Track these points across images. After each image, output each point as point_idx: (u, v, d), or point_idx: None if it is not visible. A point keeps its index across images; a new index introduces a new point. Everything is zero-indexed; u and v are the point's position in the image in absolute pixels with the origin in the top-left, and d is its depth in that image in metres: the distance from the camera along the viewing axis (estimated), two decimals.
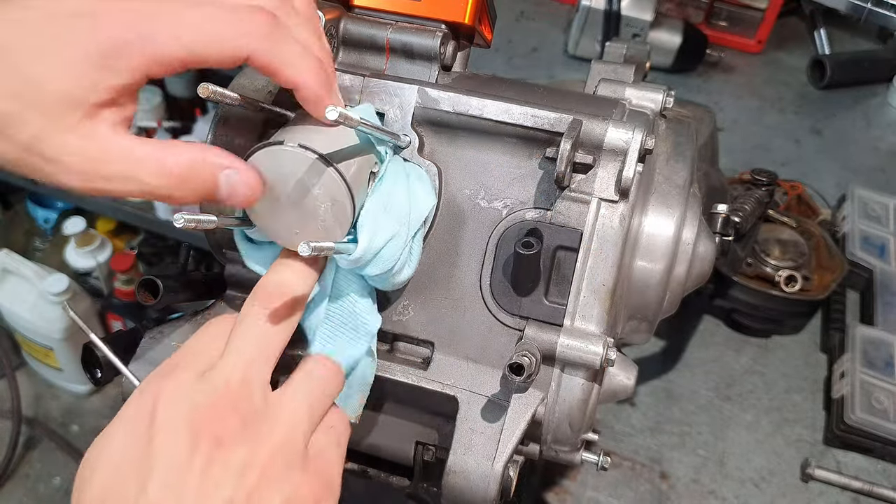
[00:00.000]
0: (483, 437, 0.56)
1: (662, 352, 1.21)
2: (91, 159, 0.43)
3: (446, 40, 0.59)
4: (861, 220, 1.32)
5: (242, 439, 0.44)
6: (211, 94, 0.48)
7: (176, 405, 0.44)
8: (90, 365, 0.60)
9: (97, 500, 0.42)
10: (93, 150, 0.43)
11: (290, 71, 0.46)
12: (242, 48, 0.45)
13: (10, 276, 1.97)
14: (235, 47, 0.44)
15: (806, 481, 1.06)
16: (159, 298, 0.58)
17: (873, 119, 1.67)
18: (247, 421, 0.45)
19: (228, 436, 0.43)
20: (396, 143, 0.55)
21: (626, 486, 1.05)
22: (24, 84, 0.41)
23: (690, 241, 0.64)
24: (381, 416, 0.63)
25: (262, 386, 0.47)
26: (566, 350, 0.55)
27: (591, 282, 0.56)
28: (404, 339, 0.60)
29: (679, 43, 1.64)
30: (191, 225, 0.46)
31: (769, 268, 1.15)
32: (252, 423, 0.45)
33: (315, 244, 0.45)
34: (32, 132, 0.42)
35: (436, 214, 0.58)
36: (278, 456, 0.45)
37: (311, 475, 0.46)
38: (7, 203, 2.42)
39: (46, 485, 1.91)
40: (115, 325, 2.16)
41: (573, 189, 0.56)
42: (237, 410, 0.45)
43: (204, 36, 0.44)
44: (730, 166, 1.35)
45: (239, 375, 0.46)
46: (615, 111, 0.58)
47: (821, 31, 1.78)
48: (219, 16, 0.44)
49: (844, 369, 1.12)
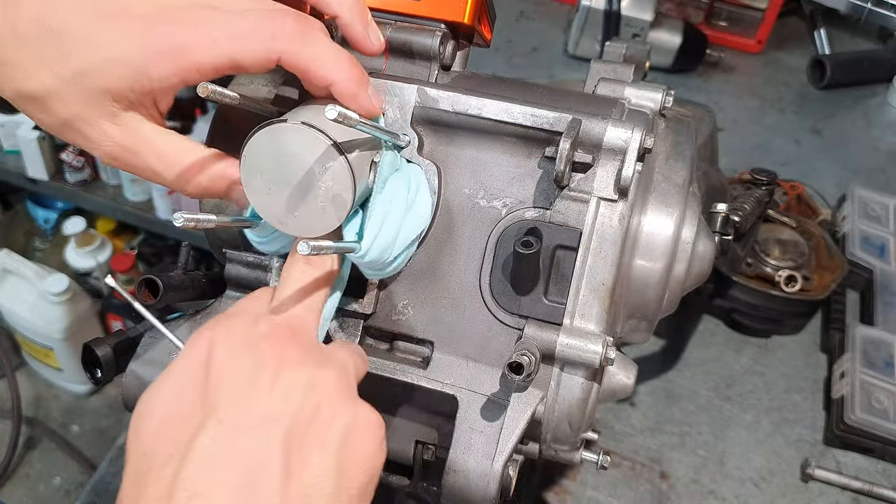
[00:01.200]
0: (483, 436, 0.56)
1: (662, 351, 1.21)
2: (122, 147, 0.49)
3: (446, 40, 0.59)
4: (861, 220, 1.32)
5: (305, 363, 0.45)
6: (211, 94, 0.48)
7: (236, 339, 0.45)
8: (90, 365, 0.60)
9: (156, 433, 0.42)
10: (126, 139, 0.48)
11: (324, 69, 0.48)
12: (275, 51, 0.47)
13: (10, 276, 1.98)
14: (269, 50, 0.47)
15: (806, 481, 1.06)
16: (159, 298, 0.58)
17: (873, 119, 1.67)
18: (306, 352, 0.46)
19: (292, 359, 0.45)
20: (396, 143, 0.55)
21: (625, 486, 1.05)
22: (73, 72, 0.46)
23: (690, 241, 0.64)
24: (381, 415, 0.63)
25: (314, 331, 0.49)
26: (566, 349, 0.55)
27: (590, 281, 0.56)
28: (404, 338, 0.60)
29: (679, 43, 1.64)
30: (190, 224, 0.46)
31: (769, 268, 1.15)
32: (311, 355, 0.46)
33: (314, 243, 0.45)
34: (74, 113, 0.47)
35: (435, 213, 0.58)
36: (338, 385, 0.46)
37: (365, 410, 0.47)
38: (7, 203, 2.43)
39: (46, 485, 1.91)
40: (115, 324, 2.16)
41: (572, 188, 0.56)
42: (297, 340, 0.46)
43: (239, 43, 0.47)
44: (730, 166, 1.35)
45: (294, 318, 0.48)
46: (614, 110, 0.58)
47: (821, 31, 1.78)
48: (251, 22, 0.47)
49: (844, 369, 1.12)
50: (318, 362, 0.46)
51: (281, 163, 0.47)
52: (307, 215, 0.48)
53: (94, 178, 2.06)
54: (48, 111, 0.48)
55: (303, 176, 0.47)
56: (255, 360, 0.44)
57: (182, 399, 0.43)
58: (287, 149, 0.47)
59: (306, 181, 0.48)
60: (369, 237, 0.51)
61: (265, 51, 0.47)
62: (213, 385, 0.43)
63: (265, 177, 0.48)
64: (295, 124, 0.47)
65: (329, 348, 0.50)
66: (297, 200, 0.48)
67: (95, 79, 0.46)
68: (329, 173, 0.47)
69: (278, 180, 0.48)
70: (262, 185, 0.48)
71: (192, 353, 0.45)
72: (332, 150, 0.47)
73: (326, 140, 0.47)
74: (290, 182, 0.48)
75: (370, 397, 0.60)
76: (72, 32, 0.46)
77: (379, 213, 0.51)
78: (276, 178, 0.48)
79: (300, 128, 0.46)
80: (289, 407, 0.43)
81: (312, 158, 0.47)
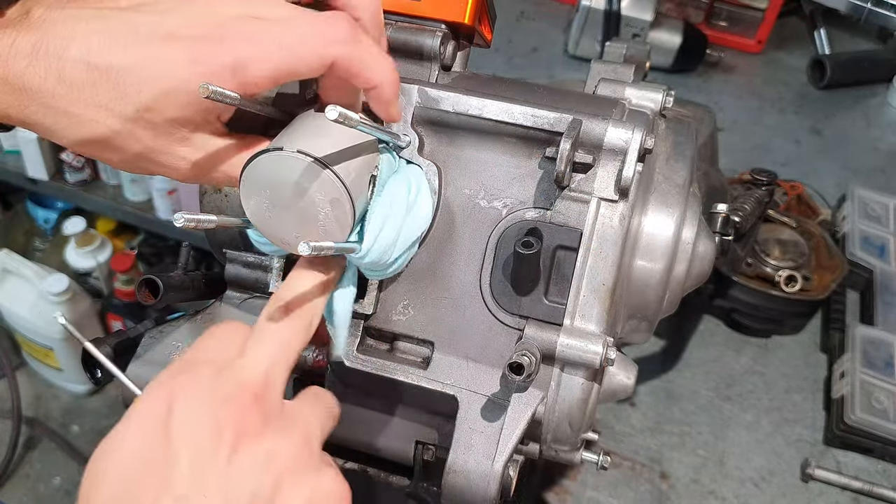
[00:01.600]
0: (483, 437, 0.56)
1: (662, 352, 1.21)
2: (196, 165, 0.49)
3: (446, 40, 0.59)
4: (861, 220, 1.32)
5: (265, 434, 0.44)
6: (211, 94, 0.48)
7: (196, 398, 0.43)
8: (90, 365, 0.60)
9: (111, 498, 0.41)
10: (198, 157, 0.49)
11: (370, 73, 0.48)
12: (328, 57, 0.47)
13: (10, 276, 1.98)
14: (322, 56, 0.47)
15: (806, 481, 1.06)
16: (159, 298, 0.58)
17: (873, 119, 1.67)
18: (268, 418, 0.44)
19: (252, 429, 0.43)
20: (396, 143, 0.55)
21: (626, 486, 1.05)
22: (136, 109, 0.45)
23: (690, 241, 0.64)
24: (381, 415, 0.63)
25: (280, 390, 0.47)
26: (566, 349, 0.55)
27: (590, 281, 0.56)
28: (404, 338, 0.60)
29: (679, 43, 1.64)
30: (191, 225, 0.46)
31: (769, 268, 1.15)
32: (273, 421, 0.45)
33: (315, 244, 0.45)
34: (144, 146, 0.47)
35: (436, 214, 0.58)
36: (299, 454, 0.44)
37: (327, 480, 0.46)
38: (7, 203, 2.42)
39: (46, 485, 1.91)
40: (115, 324, 2.16)
41: (573, 189, 0.56)
42: (259, 407, 0.44)
43: (294, 53, 0.46)
44: (730, 166, 1.35)
45: (260, 376, 0.45)
46: (615, 111, 0.58)
47: (821, 31, 1.78)
48: (304, 29, 0.47)
49: (844, 369, 1.12)
50: (279, 430, 0.44)
51: (279, 189, 0.48)
52: (309, 234, 0.49)
53: (94, 178, 2.05)
54: (118, 151, 0.47)
55: (302, 202, 0.48)
56: (214, 428, 0.42)
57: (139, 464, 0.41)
58: (284, 177, 0.47)
59: (306, 207, 0.48)
60: (370, 238, 0.51)
61: (319, 57, 0.46)
62: (172, 454, 0.41)
63: (265, 201, 0.48)
64: (292, 153, 0.46)
65: (293, 407, 0.47)
66: (298, 223, 0.49)
67: (160, 111, 0.45)
68: (328, 200, 0.48)
69: (279, 205, 0.48)
70: (263, 208, 0.49)
71: (151, 408, 0.43)
72: (331, 177, 0.47)
73: (322, 168, 0.47)
74: (289, 207, 0.48)
75: (370, 397, 0.60)
76: (121, 67, 0.44)
77: (379, 214, 0.51)
78: (276, 202, 0.48)
79: (297, 157, 0.46)
80: (247, 484, 0.41)
81: (311, 186, 0.47)
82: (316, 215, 0.48)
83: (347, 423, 0.63)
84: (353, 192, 0.48)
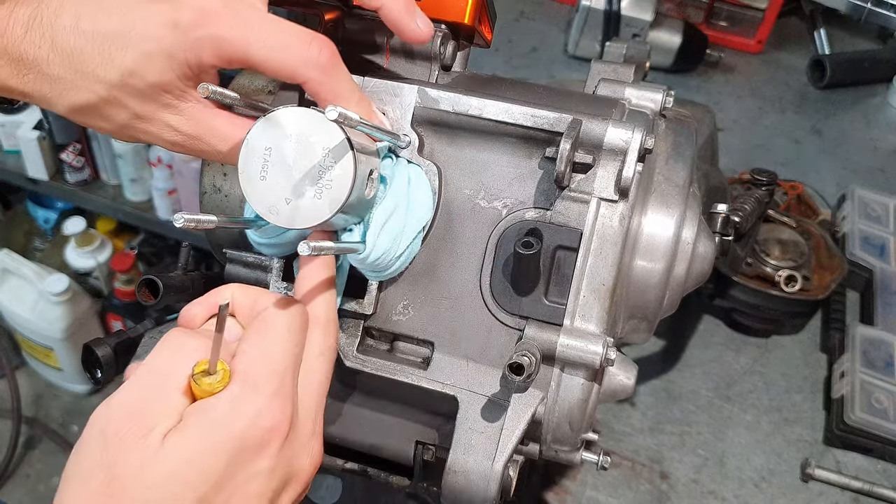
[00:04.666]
0: (483, 437, 0.56)
1: (662, 352, 1.21)
2: (186, 135, 0.50)
3: (446, 40, 0.59)
4: (861, 220, 1.32)
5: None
6: (211, 94, 0.48)
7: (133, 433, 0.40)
8: (90, 365, 0.60)
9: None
10: (188, 127, 0.50)
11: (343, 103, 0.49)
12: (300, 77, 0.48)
13: (10, 276, 1.98)
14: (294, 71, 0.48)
15: (806, 481, 1.06)
16: (159, 298, 0.58)
17: (873, 119, 1.66)
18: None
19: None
20: (396, 143, 0.55)
21: (626, 486, 1.05)
22: (120, 74, 0.46)
23: (690, 241, 0.64)
24: (382, 415, 0.63)
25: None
26: (566, 350, 0.55)
27: (590, 281, 0.56)
28: (404, 338, 0.60)
29: (679, 43, 1.64)
30: (191, 225, 0.46)
31: (769, 268, 1.15)
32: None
33: (315, 244, 0.45)
34: (131, 113, 0.48)
35: (435, 214, 0.58)
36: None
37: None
38: (7, 203, 2.42)
39: (46, 485, 1.91)
40: (115, 324, 2.16)
41: (573, 189, 0.56)
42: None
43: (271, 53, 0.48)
44: (730, 166, 1.35)
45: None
46: (615, 111, 0.58)
47: (821, 31, 1.78)
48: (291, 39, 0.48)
49: (844, 369, 1.12)
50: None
51: (289, 145, 0.47)
52: (300, 203, 0.48)
53: (94, 178, 2.05)
54: (106, 118, 0.48)
55: (307, 162, 0.47)
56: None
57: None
58: (302, 132, 0.47)
59: (309, 167, 0.47)
60: (371, 238, 0.51)
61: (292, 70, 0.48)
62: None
63: (263, 160, 0.48)
64: (319, 111, 0.47)
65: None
66: (292, 186, 0.48)
67: (142, 75, 0.46)
68: (335, 164, 0.47)
69: (278, 163, 0.48)
70: (257, 169, 0.48)
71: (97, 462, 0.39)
72: (346, 143, 0.47)
73: (342, 134, 0.47)
74: (290, 166, 0.48)
75: (371, 397, 0.60)
76: (107, 32, 0.46)
77: (381, 213, 0.51)
78: (276, 160, 0.48)
79: (323, 117, 0.47)
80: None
81: (324, 146, 0.47)
82: (316, 178, 0.47)
83: (347, 423, 0.63)
84: (359, 169, 0.48)
